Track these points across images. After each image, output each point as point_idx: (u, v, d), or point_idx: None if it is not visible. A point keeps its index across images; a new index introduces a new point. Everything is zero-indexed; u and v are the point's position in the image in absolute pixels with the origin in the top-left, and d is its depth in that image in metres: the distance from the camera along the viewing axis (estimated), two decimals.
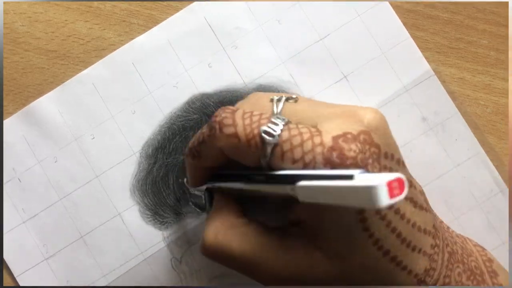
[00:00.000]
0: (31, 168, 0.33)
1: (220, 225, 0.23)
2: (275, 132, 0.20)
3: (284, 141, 0.20)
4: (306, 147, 0.20)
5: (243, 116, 0.22)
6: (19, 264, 0.33)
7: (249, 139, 0.21)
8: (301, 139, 0.20)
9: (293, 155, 0.20)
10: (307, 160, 0.20)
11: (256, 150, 0.21)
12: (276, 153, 0.20)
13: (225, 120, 0.22)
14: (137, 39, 0.34)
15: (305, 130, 0.21)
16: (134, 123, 0.33)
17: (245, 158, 0.22)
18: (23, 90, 0.34)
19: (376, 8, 0.33)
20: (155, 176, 0.33)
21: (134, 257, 0.33)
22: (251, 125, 0.21)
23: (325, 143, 0.20)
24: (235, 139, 0.21)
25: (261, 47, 0.34)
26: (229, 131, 0.21)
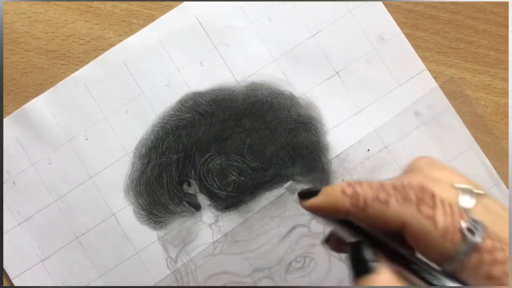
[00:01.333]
0: (25, 171, 0.33)
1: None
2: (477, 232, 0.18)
3: (488, 250, 0.18)
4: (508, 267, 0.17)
5: (443, 203, 0.19)
6: (15, 266, 0.33)
7: (448, 229, 0.18)
8: (505, 256, 0.17)
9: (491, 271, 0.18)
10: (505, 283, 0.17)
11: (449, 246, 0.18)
12: (473, 257, 0.18)
13: (425, 197, 0.19)
14: (129, 39, 0.34)
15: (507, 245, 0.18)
16: (127, 123, 0.33)
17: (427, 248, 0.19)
18: (23, 90, 0.34)
19: (367, 5, 0.33)
20: (149, 176, 0.33)
21: (130, 257, 0.33)
22: (452, 216, 0.19)
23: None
24: (431, 223, 0.19)
25: (252, 45, 0.34)
26: (427, 212, 0.19)
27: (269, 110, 0.33)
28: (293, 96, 0.33)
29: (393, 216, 0.20)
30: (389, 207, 0.20)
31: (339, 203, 0.21)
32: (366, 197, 0.21)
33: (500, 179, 0.33)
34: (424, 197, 0.19)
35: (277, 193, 0.33)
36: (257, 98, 0.33)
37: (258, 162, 0.33)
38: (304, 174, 0.32)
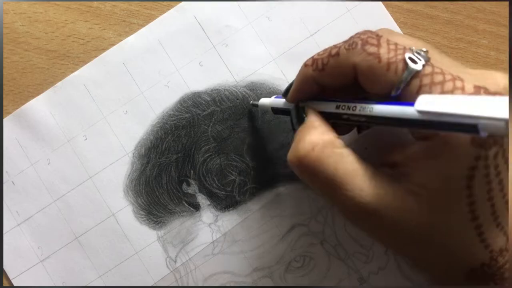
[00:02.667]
0: (25, 171, 0.33)
1: (317, 139, 0.23)
2: (419, 61, 0.20)
3: (426, 74, 0.20)
4: (446, 87, 0.20)
5: (388, 41, 0.21)
6: (14, 267, 0.33)
7: (390, 62, 0.21)
8: (443, 78, 0.20)
9: (431, 91, 0.20)
10: None
11: (392, 75, 0.21)
12: (413, 84, 0.20)
13: (369, 39, 0.21)
14: (127, 39, 0.34)
15: (448, 71, 0.20)
16: (127, 123, 0.33)
17: (375, 83, 0.21)
18: (23, 90, 0.34)
19: (366, 3, 0.33)
20: (148, 176, 0.33)
21: (129, 257, 0.33)
22: (396, 51, 0.21)
23: (466, 89, 0.19)
24: (375, 58, 0.21)
25: (251, 45, 0.34)
26: (371, 50, 0.21)
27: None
28: None
29: (345, 63, 0.22)
30: (340, 56, 0.22)
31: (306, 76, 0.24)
32: (322, 58, 0.24)
33: None
34: (368, 39, 0.22)
35: (277, 192, 0.33)
36: (257, 98, 0.33)
37: (257, 162, 0.33)
38: None
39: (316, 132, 0.23)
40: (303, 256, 0.32)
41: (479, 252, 0.21)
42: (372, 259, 0.32)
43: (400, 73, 0.20)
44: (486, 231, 0.21)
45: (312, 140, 0.23)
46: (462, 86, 0.20)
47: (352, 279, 0.32)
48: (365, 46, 0.21)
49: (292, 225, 0.32)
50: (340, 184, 0.22)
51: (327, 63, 0.23)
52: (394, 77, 0.21)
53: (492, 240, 0.21)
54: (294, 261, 0.32)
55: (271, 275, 0.32)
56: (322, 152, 0.22)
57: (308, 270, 0.32)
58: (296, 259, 0.32)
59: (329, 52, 0.23)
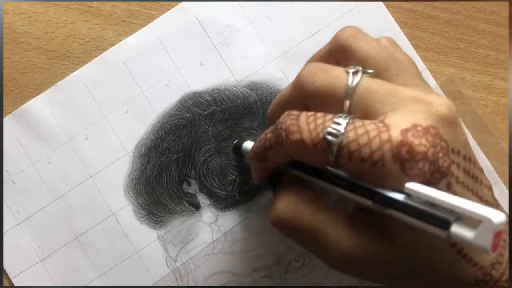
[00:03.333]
0: (25, 170, 0.33)
1: (292, 197, 0.23)
2: (339, 133, 0.20)
3: (351, 141, 0.20)
4: (373, 145, 0.19)
5: (307, 121, 0.22)
6: (14, 266, 0.33)
7: (315, 143, 0.21)
8: (368, 137, 0.20)
9: (361, 155, 0.20)
10: (376, 159, 0.19)
11: (323, 154, 0.21)
12: (343, 153, 0.20)
13: (290, 127, 0.22)
14: (128, 39, 0.34)
15: (371, 127, 0.20)
16: (127, 122, 0.33)
17: (314, 161, 0.22)
18: (23, 90, 0.34)
19: (366, 4, 0.33)
20: (148, 176, 0.33)
21: (129, 257, 0.33)
22: (316, 129, 0.21)
23: (393, 139, 0.19)
24: (302, 144, 0.21)
25: (252, 45, 0.34)
26: (295, 138, 0.21)
27: None
28: None
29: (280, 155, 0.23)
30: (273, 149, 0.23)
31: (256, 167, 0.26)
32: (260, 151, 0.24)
33: (499, 179, 0.33)
34: (289, 127, 0.22)
35: None
36: (257, 98, 0.33)
37: None
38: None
39: (291, 191, 0.24)
40: (303, 256, 0.32)
41: (469, 271, 0.21)
42: None
43: (326, 151, 0.21)
44: (469, 252, 0.21)
45: (286, 198, 0.23)
46: (389, 137, 0.19)
47: (352, 279, 0.32)
48: (289, 136, 0.22)
49: None
50: (321, 236, 0.22)
51: (266, 155, 0.24)
52: (324, 154, 0.21)
53: (479, 257, 0.21)
54: (294, 261, 0.32)
55: (271, 275, 0.32)
56: (298, 208, 0.23)
57: (308, 270, 0.32)
58: (296, 259, 0.32)
59: (263, 145, 0.24)
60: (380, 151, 0.19)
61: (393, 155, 0.19)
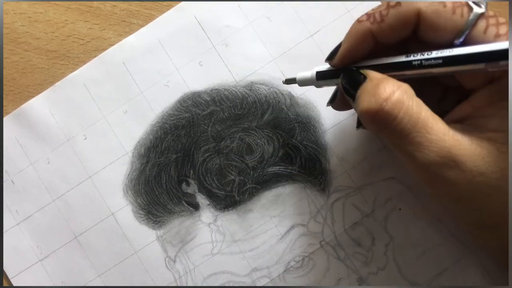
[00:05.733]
0: (24, 170, 0.33)
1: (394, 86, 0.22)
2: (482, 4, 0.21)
3: (491, 15, 0.21)
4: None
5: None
6: (13, 266, 0.33)
7: (455, 6, 0.21)
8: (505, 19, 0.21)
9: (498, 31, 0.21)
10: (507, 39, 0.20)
11: (459, 19, 0.21)
12: (479, 25, 0.21)
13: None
14: (127, 39, 0.34)
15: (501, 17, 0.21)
16: (126, 122, 0.33)
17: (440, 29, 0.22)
18: (23, 90, 0.34)
19: (366, 4, 0.33)
20: (147, 176, 0.33)
21: (128, 257, 0.33)
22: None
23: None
24: (440, 3, 0.22)
25: (251, 45, 0.34)
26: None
27: (268, 110, 0.33)
28: (292, 96, 0.33)
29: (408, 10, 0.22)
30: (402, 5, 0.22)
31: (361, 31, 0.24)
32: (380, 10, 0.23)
33: None
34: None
35: (276, 192, 0.33)
36: (256, 98, 0.33)
37: (256, 162, 0.33)
38: (303, 174, 0.32)
39: (390, 81, 0.22)
40: (302, 256, 0.32)
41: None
42: (371, 260, 0.32)
43: (466, 16, 0.21)
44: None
45: (390, 87, 0.22)
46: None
47: (351, 280, 0.32)
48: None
49: (292, 225, 0.32)
50: (426, 127, 0.21)
51: (386, 14, 0.23)
52: (460, 20, 0.21)
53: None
54: (293, 261, 0.32)
55: (270, 275, 0.32)
56: (403, 95, 0.22)
57: (307, 271, 0.32)
58: (295, 259, 0.32)
59: (387, 3, 0.23)
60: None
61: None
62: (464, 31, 0.21)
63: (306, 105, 0.33)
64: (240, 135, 0.33)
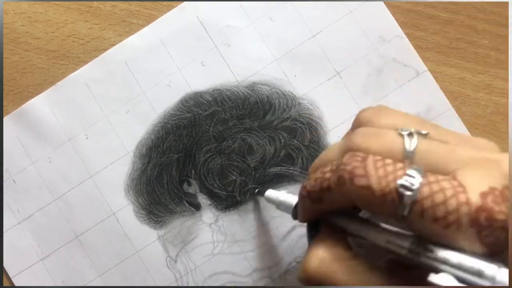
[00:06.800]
0: (26, 169, 0.33)
1: (325, 254, 0.22)
2: (413, 187, 0.19)
3: (425, 197, 0.18)
4: (450, 205, 0.18)
5: (375, 166, 0.20)
6: (14, 265, 0.33)
7: (384, 193, 0.19)
8: (444, 196, 0.18)
9: (435, 213, 0.18)
10: (451, 220, 0.18)
11: (391, 205, 0.19)
12: (415, 210, 0.19)
13: (356, 170, 0.20)
14: (129, 39, 0.34)
15: (447, 184, 0.19)
16: (128, 122, 0.33)
17: (377, 211, 0.20)
18: (23, 90, 0.34)
19: (368, 5, 0.33)
20: (149, 176, 0.33)
21: (129, 257, 0.33)
22: (386, 178, 0.19)
23: (472, 203, 0.18)
24: (368, 192, 0.19)
25: (253, 45, 0.34)
26: (361, 183, 0.19)
27: (270, 110, 0.33)
28: (294, 96, 0.33)
29: (339, 198, 0.21)
30: (332, 191, 0.21)
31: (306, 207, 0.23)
32: (315, 191, 0.22)
33: None
34: (354, 170, 0.20)
35: None
36: (258, 98, 0.33)
37: (258, 162, 0.33)
38: (304, 175, 0.32)
39: (324, 247, 0.22)
40: (303, 257, 0.32)
41: None
42: None
43: (397, 203, 0.19)
44: None
45: (318, 256, 0.22)
46: (467, 199, 0.18)
47: None
48: (354, 180, 0.20)
49: (293, 226, 0.32)
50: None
51: (322, 197, 0.22)
52: (392, 206, 0.19)
53: None
54: (294, 262, 0.32)
55: (271, 276, 0.32)
56: (330, 268, 0.21)
57: None
58: (296, 260, 0.32)
59: (320, 186, 0.22)
60: (457, 213, 0.18)
61: (471, 220, 0.18)
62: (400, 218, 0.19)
63: (308, 105, 0.33)
64: (241, 135, 0.33)
